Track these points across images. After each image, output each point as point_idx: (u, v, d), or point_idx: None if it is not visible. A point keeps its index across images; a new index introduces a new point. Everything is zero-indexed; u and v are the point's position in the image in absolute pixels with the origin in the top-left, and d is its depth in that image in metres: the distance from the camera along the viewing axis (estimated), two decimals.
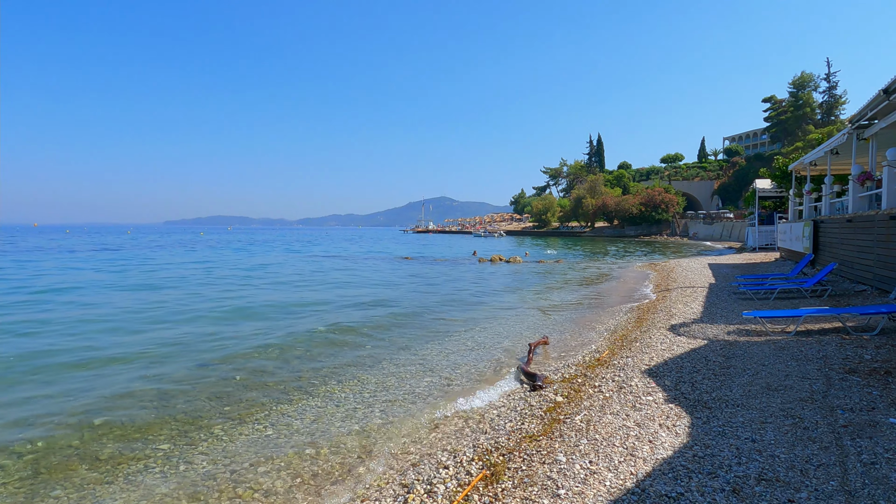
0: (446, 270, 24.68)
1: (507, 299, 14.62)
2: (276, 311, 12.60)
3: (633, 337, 8.41)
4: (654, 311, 11.05)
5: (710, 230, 62.65)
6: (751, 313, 8.12)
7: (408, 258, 33.08)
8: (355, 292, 16.15)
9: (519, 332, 9.82)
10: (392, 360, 7.88)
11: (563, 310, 12.65)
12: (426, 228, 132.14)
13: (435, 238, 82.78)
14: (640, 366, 6.42)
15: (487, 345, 8.80)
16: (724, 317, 9.60)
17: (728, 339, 7.67)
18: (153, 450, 4.76)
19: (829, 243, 16.09)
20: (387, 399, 6.05)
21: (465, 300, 14.36)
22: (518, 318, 11.32)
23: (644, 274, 21.34)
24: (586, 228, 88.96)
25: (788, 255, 22.49)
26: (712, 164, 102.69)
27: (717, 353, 6.84)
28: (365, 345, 8.91)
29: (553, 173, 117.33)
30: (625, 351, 7.45)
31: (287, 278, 20.75)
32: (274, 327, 10.46)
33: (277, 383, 6.73)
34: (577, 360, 7.45)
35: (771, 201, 35.91)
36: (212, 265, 27.24)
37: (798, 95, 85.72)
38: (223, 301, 14.14)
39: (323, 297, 15.18)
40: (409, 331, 10.11)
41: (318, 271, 24.04)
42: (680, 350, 7.11)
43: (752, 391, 5.19)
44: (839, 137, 15.98)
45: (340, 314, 12.00)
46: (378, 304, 13.65)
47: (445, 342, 8.97)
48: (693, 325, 8.87)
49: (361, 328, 10.23)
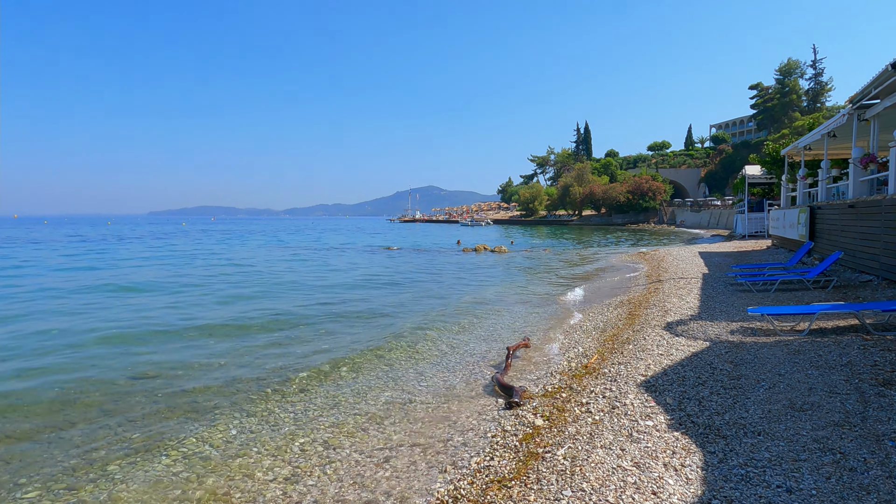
0: (428, 262, 23.64)
1: (488, 293, 13.63)
2: (209, 315, 11.49)
3: (626, 337, 7.46)
4: (646, 305, 10.12)
5: (698, 218, 62.13)
6: (756, 310, 7.20)
7: (390, 248, 31.98)
8: (322, 288, 15.05)
9: (498, 332, 8.84)
10: (352, 369, 6.85)
11: (548, 304, 11.70)
12: (413, 218, 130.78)
13: (421, 227, 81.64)
14: (634, 376, 5.46)
15: (461, 349, 7.81)
16: (724, 312, 8.69)
17: (733, 340, 6.74)
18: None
19: (828, 230, 15.28)
20: (334, 422, 5.03)
21: (442, 295, 13.33)
22: (498, 315, 10.34)
23: (633, 264, 20.47)
24: (573, 217, 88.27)
25: (781, 243, 21.74)
26: (699, 151, 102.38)
27: (722, 358, 5.91)
28: (320, 348, 7.87)
29: (540, 161, 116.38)
30: (616, 355, 6.49)
31: (248, 276, 19.58)
32: (197, 337, 9.39)
33: (201, 398, 5.69)
34: (561, 366, 6.48)
35: (760, 188, 35.25)
36: (172, 261, 25.97)
37: (784, 82, 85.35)
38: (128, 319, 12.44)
39: (284, 296, 14.08)
40: (374, 332, 9.09)
41: (289, 268, 22.83)
42: (679, 354, 6.16)
43: (773, 411, 4.24)
44: (838, 119, 15.10)
45: (295, 313, 10.93)
46: (346, 300, 12.56)
47: (415, 346, 7.96)
48: (691, 323, 7.94)
49: (318, 329, 9.16)
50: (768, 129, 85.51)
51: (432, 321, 9.84)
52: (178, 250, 30.76)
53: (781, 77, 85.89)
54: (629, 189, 78.85)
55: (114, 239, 44.18)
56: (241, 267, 21.05)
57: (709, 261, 18.47)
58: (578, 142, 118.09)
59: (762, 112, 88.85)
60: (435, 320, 9.93)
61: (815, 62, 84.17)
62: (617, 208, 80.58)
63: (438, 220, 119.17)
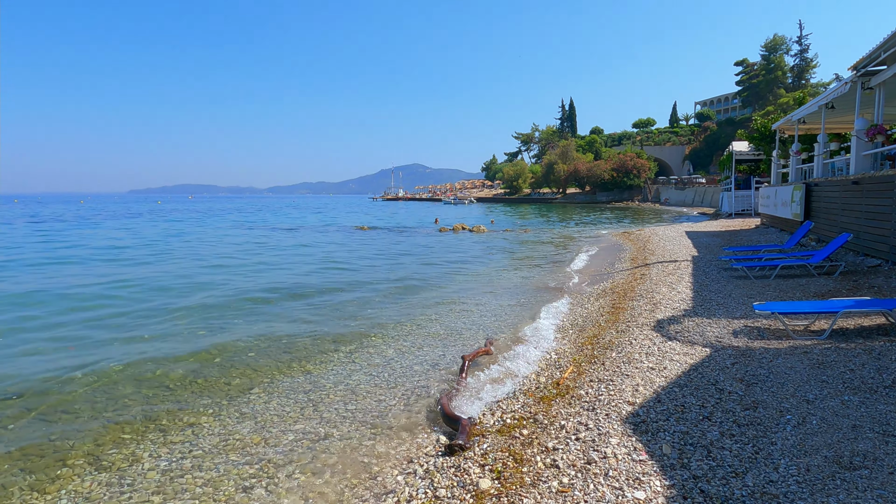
0: (399, 243, 22.23)
1: (455, 281, 12.26)
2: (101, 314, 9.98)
3: (608, 340, 6.18)
4: (632, 295, 8.87)
5: (682, 196, 61.22)
6: (764, 307, 5.97)
7: (364, 228, 30.45)
8: (271, 275, 13.47)
9: (460, 330, 7.52)
10: (267, 388, 5.48)
11: (521, 293, 10.40)
12: (396, 196, 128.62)
13: (403, 206, 79.90)
14: (618, 403, 4.18)
15: (411, 354, 6.47)
16: (722, 305, 7.46)
17: (738, 345, 5.50)
18: None
19: (826, 209, 14.15)
20: (210, 479, 3.68)
21: (402, 284, 11.88)
22: (463, 309, 8.99)
23: (617, 245, 19.27)
24: (558, 195, 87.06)
25: (772, 222, 20.68)
26: (684, 129, 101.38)
27: (729, 373, 4.66)
28: (230, 359, 6.48)
29: (525, 139, 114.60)
30: (596, 367, 5.21)
31: (191, 259, 18.00)
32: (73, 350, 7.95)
33: (72, 429, 4.31)
34: (527, 381, 5.18)
35: (747, 165, 34.20)
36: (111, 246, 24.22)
37: (770, 59, 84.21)
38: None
39: (217, 279, 12.59)
40: (306, 334, 7.72)
41: (246, 250, 21.20)
42: (675, 368, 4.90)
43: (814, 470, 2.98)
44: (839, 88, 13.84)
45: (206, 304, 9.46)
46: (290, 290, 10.98)
47: (354, 353, 6.59)
48: (686, 321, 6.69)
49: (246, 333, 7.70)
50: (753, 107, 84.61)
51: (382, 318, 8.48)
52: (109, 237, 28.78)
53: (767, 53, 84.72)
54: (614, 167, 77.68)
55: (68, 220, 41.99)
56: (158, 253, 19.38)
57: (697, 241, 17.34)
58: (563, 119, 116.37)
59: (747, 89, 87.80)
60: (385, 316, 8.58)
61: (801, 38, 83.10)
62: (601, 186, 79.47)
63: (422, 198, 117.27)
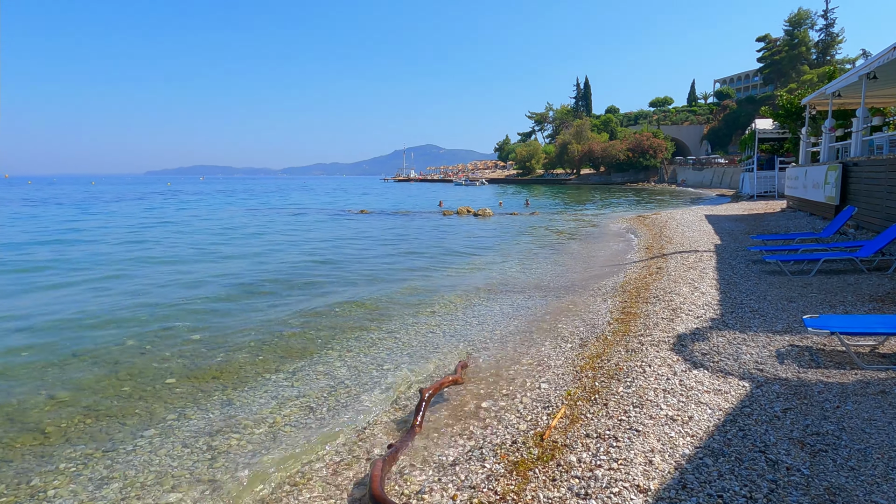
0: (396, 228, 20.91)
1: (442, 276, 10.81)
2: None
3: (615, 364, 4.84)
4: (646, 296, 7.49)
5: (700, 177, 58.95)
6: (817, 323, 4.59)
7: (364, 211, 29.12)
8: (230, 265, 12.11)
9: (435, 342, 6.21)
10: (167, 430, 4.22)
11: (515, 292, 9.03)
12: (408, 177, 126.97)
13: (414, 187, 78.35)
14: (623, 489, 2.86)
15: (364, 376, 5.17)
16: (757, 312, 6.06)
17: (787, 377, 4.14)
18: None
19: (868, 192, 12.55)
20: None
21: (382, 279, 10.43)
22: (439, 315, 7.58)
23: (631, 231, 17.78)
24: (571, 176, 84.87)
25: (800, 206, 19.00)
26: (702, 107, 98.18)
27: (783, 430, 3.31)
28: (110, 383, 5.22)
29: (538, 118, 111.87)
30: (596, 410, 3.88)
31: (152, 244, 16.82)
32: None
33: None
34: (506, 432, 3.87)
35: (769, 144, 32.20)
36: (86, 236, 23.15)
37: (794, 34, 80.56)
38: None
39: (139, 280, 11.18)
40: (265, 334, 6.46)
41: (229, 236, 19.76)
42: (704, 419, 3.55)
43: None
44: (886, 53, 12.11)
45: (135, 305, 8.23)
46: (250, 285, 9.67)
47: (299, 372, 5.31)
48: (714, 336, 5.32)
49: (133, 347, 6.32)
50: (775, 84, 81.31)
51: (346, 323, 7.20)
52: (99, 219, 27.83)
53: (791, 28, 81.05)
54: (629, 147, 75.29)
55: (66, 202, 41.21)
56: (143, 237, 18.23)
57: (718, 227, 15.80)
58: (578, 98, 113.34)
59: (769, 66, 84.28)
60: (350, 321, 7.29)
61: (827, 12, 79.34)
62: (616, 167, 77.18)
63: (433, 179, 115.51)
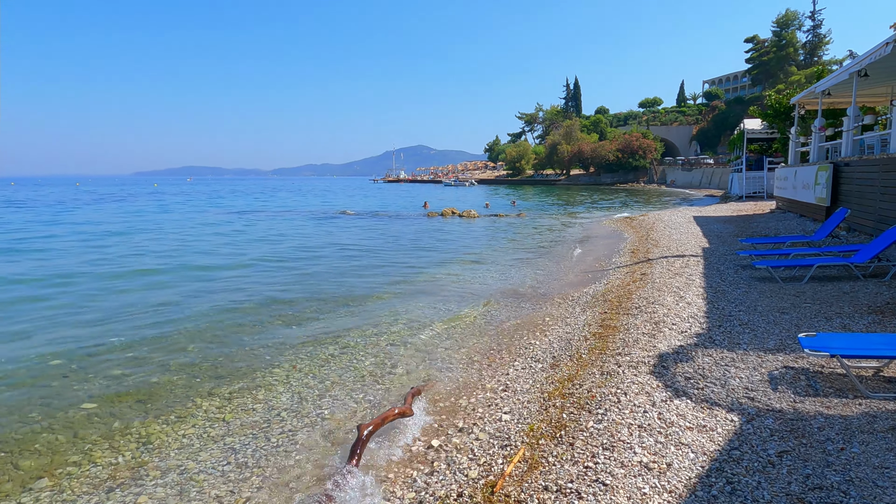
0: (375, 231, 20.28)
1: (415, 283, 10.12)
2: None
3: (586, 390, 4.26)
4: (627, 306, 6.92)
5: (689, 177, 58.75)
6: (814, 343, 4.04)
7: (346, 213, 28.42)
8: (198, 277, 11.37)
9: (384, 369, 5.58)
10: (57, 489, 3.58)
11: (491, 302, 8.42)
12: (397, 178, 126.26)
13: (403, 188, 77.60)
14: None
15: (307, 405, 4.53)
16: (747, 326, 5.51)
17: (782, 409, 3.58)
18: None
19: (860, 193, 12.11)
20: None
21: (348, 287, 9.70)
22: (405, 330, 6.94)
23: (617, 233, 17.26)
24: (561, 176, 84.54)
25: (790, 207, 18.60)
26: (691, 108, 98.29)
27: (778, 481, 2.74)
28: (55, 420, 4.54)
29: (528, 119, 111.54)
30: (561, 452, 3.29)
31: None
32: None
33: None
34: (450, 473, 3.28)
35: (758, 144, 31.91)
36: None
37: (781, 35, 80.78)
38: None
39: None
40: (203, 356, 5.83)
41: (180, 246, 18.64)
42: (685, 468, 2.98)
43: None
44: (877, 50, 11.63)
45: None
46: (203, 301, 8.84)
47: (235, 399, 4.68)
48: (699, 356, 4.76)
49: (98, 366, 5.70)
50: (763, 85, 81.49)
51: (300, 338, 6.57)
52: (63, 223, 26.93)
53: (778, 29, 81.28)
54: (619, 147, 75.06)
55: (38, 205, 40.22)
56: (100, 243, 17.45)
57: (707, 229, 15.32)
58: (568, 98, 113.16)
59: (757, 66, 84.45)
60: (308, 335, 6.67)
61: (814, 13, 79.70)
62: (606, 167, 76.92)
63: (423, 179, 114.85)
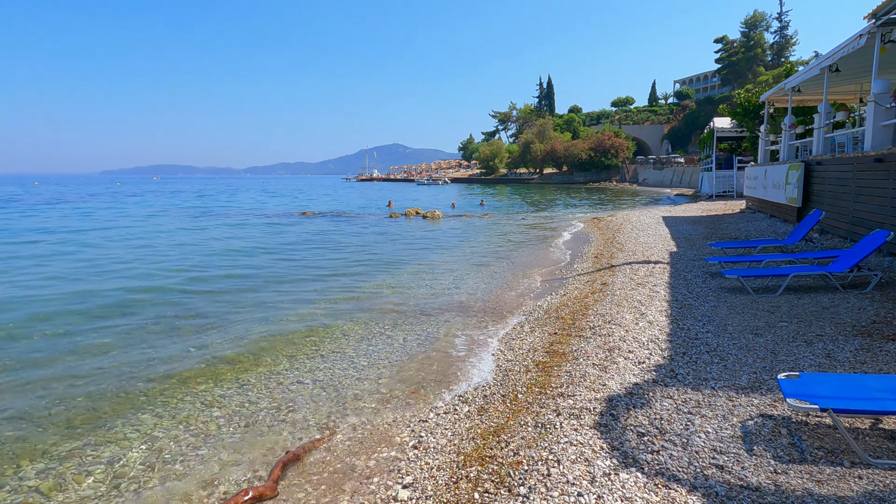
0: (324, 233, 19.15)
1: (352, 294, 8.99)
2: None
3: (511, 454, 3.30)
4: (580, 327, 6.02)
5: (661, 176, 58.73)
6: (797, 391, 3.17)
7: (305, 213, 27.15)
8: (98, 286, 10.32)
9: (280, 414, 4.54)
10: None
11: (433, 316, 7.43)
12: (370, 177, 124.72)
13: (374, 187, 76.31)
14: None
15: (133, 486, 3.52)
16: (716, 354, 4.64)
17: (758, 488, 2.68)
18: None
19: (832, 194, 11.49)
20: None
21: (262, 305, 8.40)
22: (322, 354, 5.90)
23: (582, 236, 16.46)
24: (534, 175, 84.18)
25: (760, 207, 18.08)
26: (663, 107, 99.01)
27: None
28: None
29: (502, 118, 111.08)
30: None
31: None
32: None
33: None
34: None
35: (728, 143, 31.66)
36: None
37: (750, 35, 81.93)
38: None
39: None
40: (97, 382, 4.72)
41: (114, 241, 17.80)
42: None
43: None
44: (850, 43, 10.99)
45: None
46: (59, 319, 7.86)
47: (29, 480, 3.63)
48: (657, 400, 3.85)
49: None
50: (732, 85, 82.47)
51: (195, 369, 5.49)
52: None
53: (747, 30, 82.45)
54: (591, 146, 74.95)
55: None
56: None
57: (676, 230, 14.62)
58: (541, 97, 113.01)
59: (727, 66, 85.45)
60: (206, 364, 5.60)
61: (781, 14, 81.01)
62: (579, 166, 76.78)
63: (396, 178, 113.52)
